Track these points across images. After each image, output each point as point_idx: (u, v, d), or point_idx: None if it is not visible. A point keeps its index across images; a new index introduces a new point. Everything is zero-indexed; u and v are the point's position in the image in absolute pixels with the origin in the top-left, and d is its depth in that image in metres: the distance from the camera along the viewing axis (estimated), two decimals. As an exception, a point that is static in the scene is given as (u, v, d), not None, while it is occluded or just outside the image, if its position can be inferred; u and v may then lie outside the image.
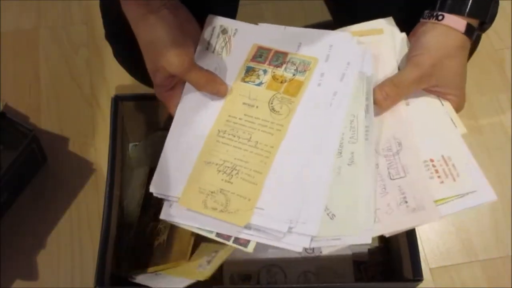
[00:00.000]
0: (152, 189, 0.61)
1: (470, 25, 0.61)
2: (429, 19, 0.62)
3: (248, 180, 0.57)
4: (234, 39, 0.65)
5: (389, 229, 0.56)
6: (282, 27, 0.66)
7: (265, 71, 0.63)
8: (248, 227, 0.55)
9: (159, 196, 0.60)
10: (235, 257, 0.76)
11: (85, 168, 0.97)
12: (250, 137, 0.60)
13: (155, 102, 0.82)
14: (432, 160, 0.58)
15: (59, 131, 1.01)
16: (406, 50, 0.64)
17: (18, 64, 1.09)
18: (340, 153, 0.58)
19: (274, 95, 0.61)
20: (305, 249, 0.69)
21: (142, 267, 0.74)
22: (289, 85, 0.62)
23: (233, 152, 0.59)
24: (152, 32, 0.59)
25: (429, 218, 0.56)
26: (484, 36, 0.88)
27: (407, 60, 0.61)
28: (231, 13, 0.82)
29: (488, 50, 1.09)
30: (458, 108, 0.63)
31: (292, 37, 0.64)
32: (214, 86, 0.62)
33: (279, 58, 0.63)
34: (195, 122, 0.62)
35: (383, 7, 0.70)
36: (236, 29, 0.66)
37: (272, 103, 0.61)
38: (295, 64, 0.63)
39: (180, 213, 0.58)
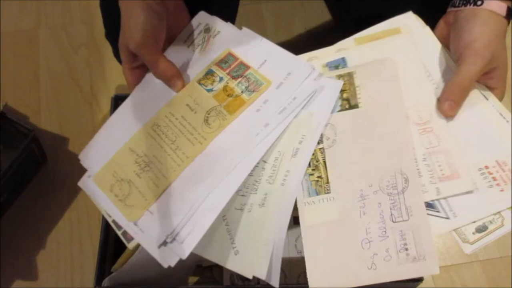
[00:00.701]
0: (80, 156, 0.63)
1: (510, 8, 0.59)
2: (465, 5, 0.60)
3: (153, 181, 0.57)
4: (213, 40, 0.65)
5: (384, 278, 0.53)
6: (260, 38, 0.64)
7: (221, 79, 0.62)
8: (136, 225, 0.56)
9: (84, 166, 0.62)
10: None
11: (85, 168, 0.97)
12: (175, 140, 0.59)
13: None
14: (487, 167, 0.56)
15: (59, 131, 1.01)
16: (434, 44, 0.62)
17: (18, 64, 1.09)
18: (256, 190, 0.57)
19: (215, 106, 0.61)
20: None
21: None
22: (232, 101, 0.61)
23: (155, 149, 0.59)
24: (133, 12, 0.59)
25: (428, 270, 0.53)
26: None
27: (462, 53, 0.58)
28: (232, 13, 0.83)
29: (488, 50, 1.09)
30: (500, 98, 0.61)
31: (262, 51, 0.63)
32: (171, 78, 0.62)
33: (240, 69, 0.62)
34: (141, 108, 0.63)
35: (382, 5, 0.70)
36: (218, 31, 0.65)
37: (209, 114, 0.60)
38: (249, 81, 0.62)
39: (92, 188, 0.60)
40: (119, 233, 0.59)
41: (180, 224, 0.54)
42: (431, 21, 0.65)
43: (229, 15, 0.82)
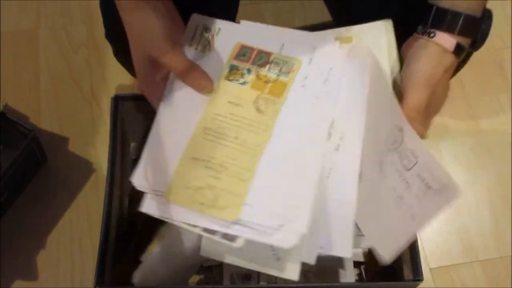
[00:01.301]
0: (134, 182, 0.60)
1: (460, 45, 0.60)
2: (422, 35, 0.61)
3: (237, 177, 0.58)
4: (217, 38, 0.65)
5: (426, 219, 0.57)
6: (265, 25, 0.66)
7: (249, 71, 0.63)
8: (236, 222, 0.56)
9: (141, 189, 0.60)
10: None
11: (85, 168, 0.97)
12: (237, 136, 0.60)
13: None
14: None
15: (59, 131, 1.01)
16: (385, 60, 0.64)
17: (18, 64, 1.09)
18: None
19: (259, 95, 0.62)
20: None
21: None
22: (273, 86, 0.62)
23: (221, 149, 0.60)
24: (147, 21, 0.59)
25: (454, 195, 0.57)
26: (484, 36, 0.88)
27: (407, 83, 0.61)
28: (231, 13, 0.82)
29: (488, 50, 1.08)
30: (421, 134, 0.62)
31: (275, 36, 0.65)
32: (202, 82, 0.62)
33: (262, 57, 0.64)
34: (179, 118, 0.63)
35: (382, 5, 0.70)
36: (219, 28, 0.66)
37: (257, 103, 0.61)
38: (278, 65, 0.63)
39: (164, 207, 0.59)
40: (217, 238, 0.56)
41: (287, 204, 0.55)
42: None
43: (229, 16, 0.82)
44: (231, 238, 0.56)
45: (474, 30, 0.61)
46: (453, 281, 0.89)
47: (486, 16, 0.62)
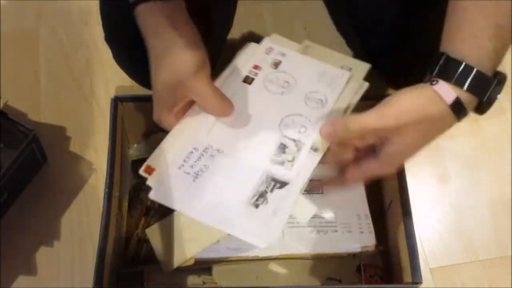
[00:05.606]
0: None
1: (459, 100, 0.55)
2: (425, 82, 0.57)
3: None
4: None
5: None
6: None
7: None
8: None
9: None
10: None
11: (85, 168, 0.97)
12: None
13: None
14: None
15: (59, 132, 1.01)
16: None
17: (18, 64, 1.09)
18: None
19: None
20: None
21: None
22: None
23: None
24: (174, 47, 0.57)
25: None
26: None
27: (377, 105, 0.57)
28: (229, 13, 0.82)
29: (488, 50, 1.08)
30: (375, 173, 0.59)
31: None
32: (223, 108, 0.61)
33: None
34: None
35: (380, 8, 0.70)
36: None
37: None
38: None
39: None
40: None
41: None
42: None
43: (227, 15, 0.82)
44: None
45: (484, 89, 0.56)
46: (453, 281, 0.89)
47: (498, 79, 0.57)
